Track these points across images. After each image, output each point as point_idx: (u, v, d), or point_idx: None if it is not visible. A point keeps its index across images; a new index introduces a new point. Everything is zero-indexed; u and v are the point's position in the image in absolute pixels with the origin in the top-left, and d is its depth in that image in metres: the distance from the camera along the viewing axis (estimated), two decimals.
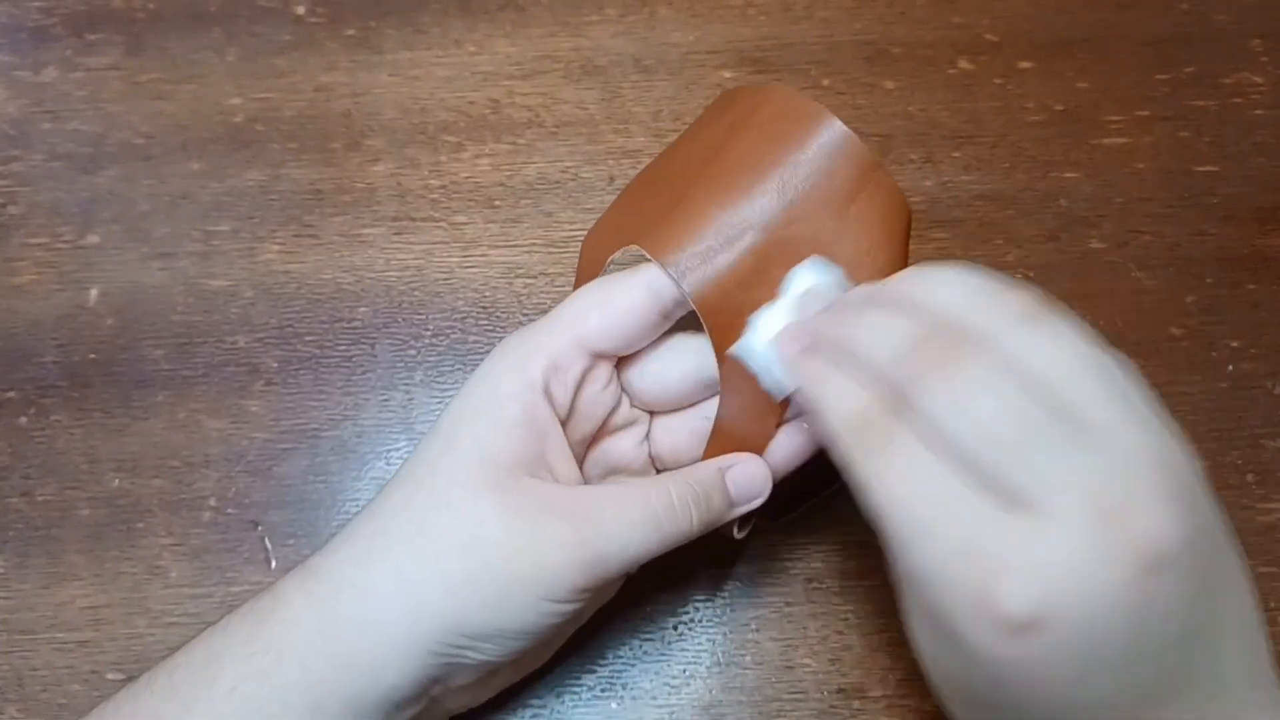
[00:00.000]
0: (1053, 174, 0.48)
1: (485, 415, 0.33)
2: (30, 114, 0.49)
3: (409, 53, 0.50)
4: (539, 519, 0.32)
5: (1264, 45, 0.51)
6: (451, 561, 0.31)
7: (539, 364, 0.34)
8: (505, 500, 0.32)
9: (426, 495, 0.33)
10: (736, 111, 0.36)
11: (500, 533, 0.32)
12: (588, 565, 0.32)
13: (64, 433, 0.43)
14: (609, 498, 0.33)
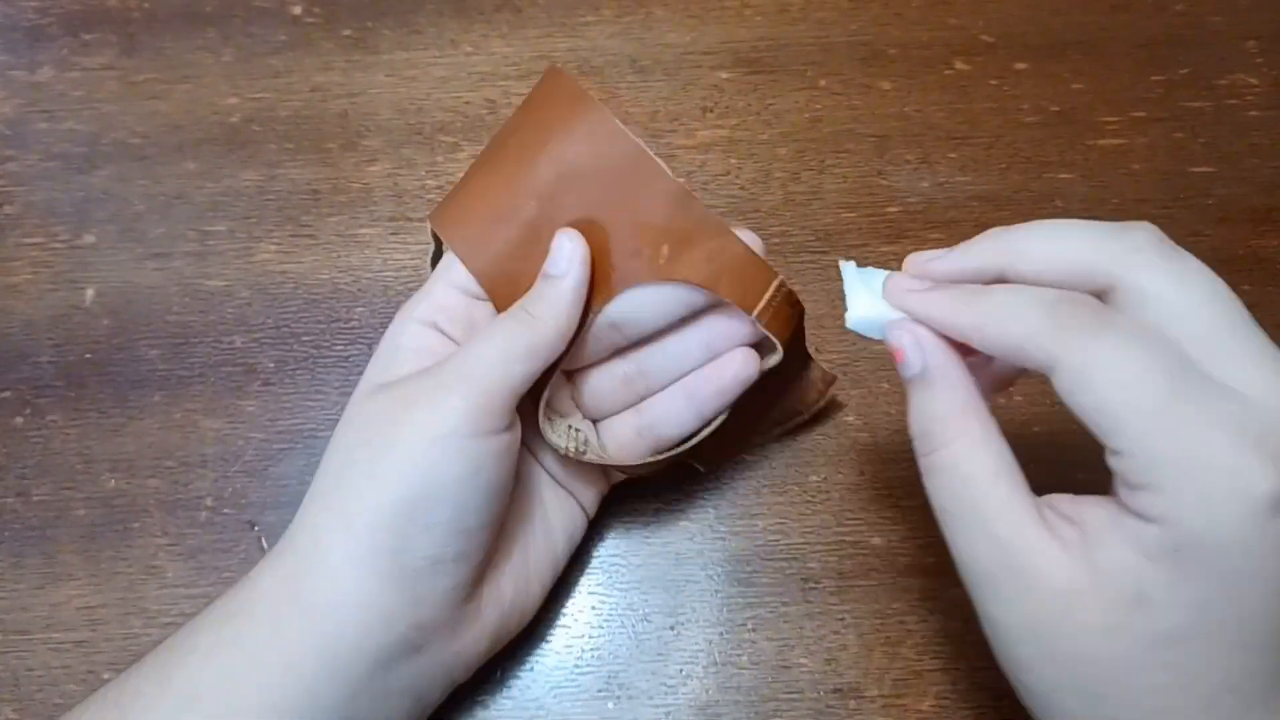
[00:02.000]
0: (1048, 175, 0.48)
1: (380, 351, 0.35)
2: (25, 113, 0.49)
3: (405, 53, 0.50)
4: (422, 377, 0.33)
5: (1258, 47, 0.51)
6: (358, 453, 0.33)
7: (422, 307, 0.36)
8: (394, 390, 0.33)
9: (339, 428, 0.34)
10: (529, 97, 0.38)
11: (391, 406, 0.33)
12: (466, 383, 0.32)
13: (59, 433, 0.43)
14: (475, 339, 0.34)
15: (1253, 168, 0.49)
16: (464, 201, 0.37)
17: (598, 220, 0.35)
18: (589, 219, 0.35)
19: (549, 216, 0.35)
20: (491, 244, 0.36)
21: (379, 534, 0.31)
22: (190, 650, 0.32)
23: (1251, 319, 0.28)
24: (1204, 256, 0.46)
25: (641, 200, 0.35)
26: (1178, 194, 0.48)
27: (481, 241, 0.36)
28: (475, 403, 0.32)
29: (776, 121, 0.49)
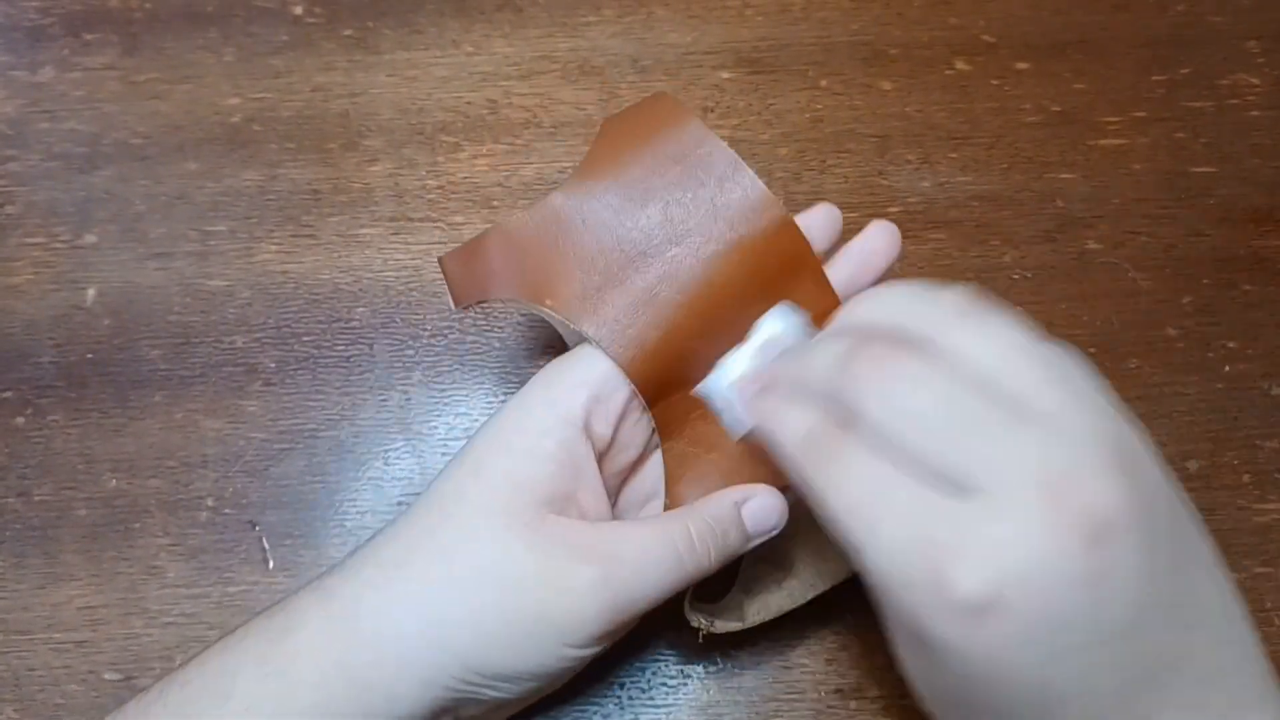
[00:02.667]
0: (1049, 175, 0.48)
1: (518, 448, 0.33)
2: (27, 114, 0.49)
3: (406, 53, 0.50)
4: (569, 561, 0.31)
5: (1260, 46, 0.51)
6: (477, 600, 0.31)
7: (579, 398, 0.33)
8: (534, 537, 0.31)
9: (453, 525, 0.32)
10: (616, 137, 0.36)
11: (529, 572, 0.31)
12: (614, 609, 0.31)
13: (61, 433, 0.43)
14: (633, 537, 0.33)
15: (1254, 168, 0.48)
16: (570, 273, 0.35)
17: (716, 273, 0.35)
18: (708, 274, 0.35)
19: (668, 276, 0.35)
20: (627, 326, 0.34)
21: (460, 670, 0.31)
22: (226, 696, 0.31)
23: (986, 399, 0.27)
24: (1205, 257, 0.46)
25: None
26: (1179, 194, 0.48)
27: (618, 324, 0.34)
28: (615, 627, 0.32)
29: (778, 121, 0.49)
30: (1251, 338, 0.45)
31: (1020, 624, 0.25)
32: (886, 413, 0.27)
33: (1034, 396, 0.27)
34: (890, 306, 0.31)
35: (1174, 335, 0.45)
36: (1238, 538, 0.42)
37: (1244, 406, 0.44)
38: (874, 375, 0.28)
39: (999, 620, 0.25)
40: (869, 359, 0.28)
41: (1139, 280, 0.46)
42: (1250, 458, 0.43)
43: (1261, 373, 0.45)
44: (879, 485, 0.27)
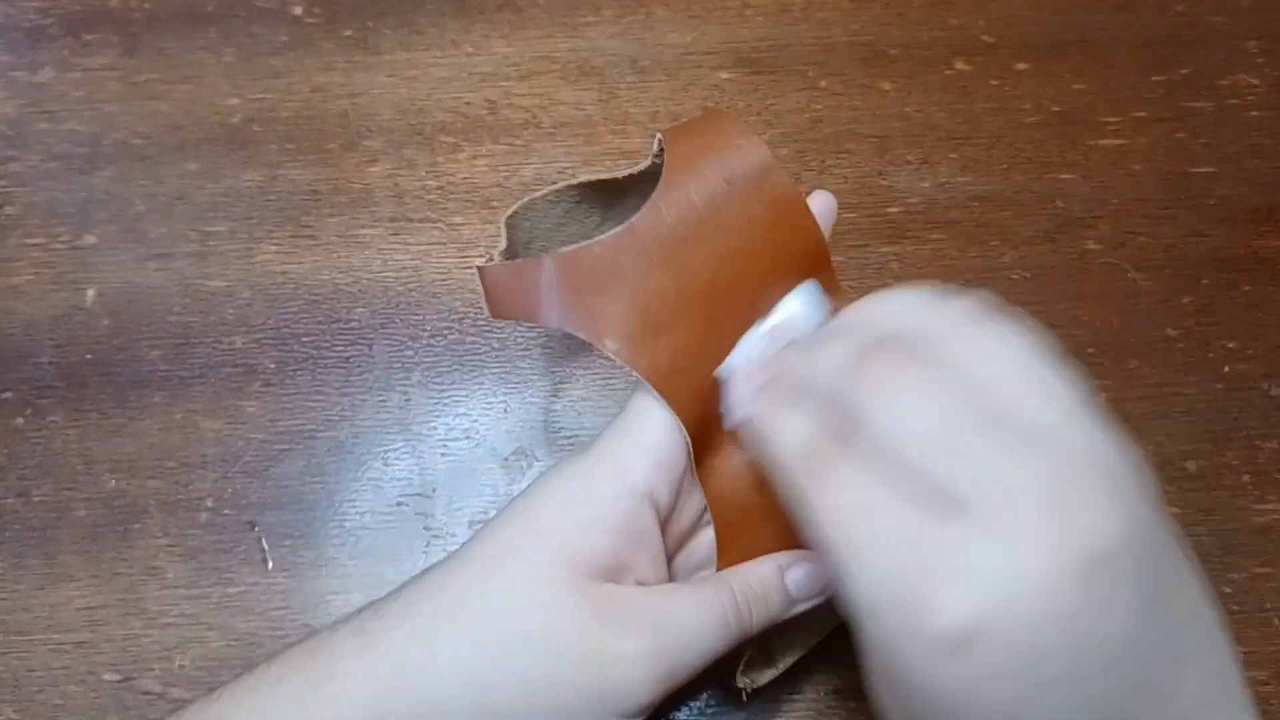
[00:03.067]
0: (1049, 175, 0.48)
1: (579, 517, 0.32)
2: (27, 114, 0.49)
3: (406, 53, 0.50)
4: (620, 630, 0.31)
5: (1260, 47, 0.51)
6: (525, 664, 0.30)
7: (643, 468, 0.32)
8: (586, 605, 0.31)
9: (504, 583, 0.31)
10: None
11: (579, 641, 0.30)
12: (663, 679, 0.31)
13: (60, 433, 0.43)
14: (682, 605, 0.32)
15: (1254, 168, 0.48)
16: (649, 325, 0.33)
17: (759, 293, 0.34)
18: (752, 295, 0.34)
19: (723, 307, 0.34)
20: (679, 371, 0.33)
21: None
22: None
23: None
24: (1205, 257, 0.46)
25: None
26: (1179, 194, 0.48)
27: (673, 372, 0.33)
28: (661, 694, 0.31)
29: (777, 122, 0.49)
30: (1251, 338, 0.45)
31: (1001, 658, 0.23)
32: (887, 424, 0.26)
33: (1033, 414, 0.26)
34: (900, 309, 0.30)
35: (1174, 335, 0.45)
36: (1237, 538, 0.42)
37: (1244, 407, 0.44)
38: (878, 384, 0.27)
39: (979, 654, 0.23)
40: (874, 366, 0.27)
41: (1139, 280, 0.46)
42: (1250, 458, 0.43)
43: (1261, 373, 0.45)
44: (868, 503, 0.26)
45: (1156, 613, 0.25)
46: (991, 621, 0.23)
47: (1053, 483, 0.24)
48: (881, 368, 0.27)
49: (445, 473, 0.43)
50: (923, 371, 0.27)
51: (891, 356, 0.27)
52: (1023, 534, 0.24)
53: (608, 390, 0.44)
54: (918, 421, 0.26)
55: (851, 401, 0.27)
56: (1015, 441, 0.25)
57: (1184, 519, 0.43)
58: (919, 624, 0.24)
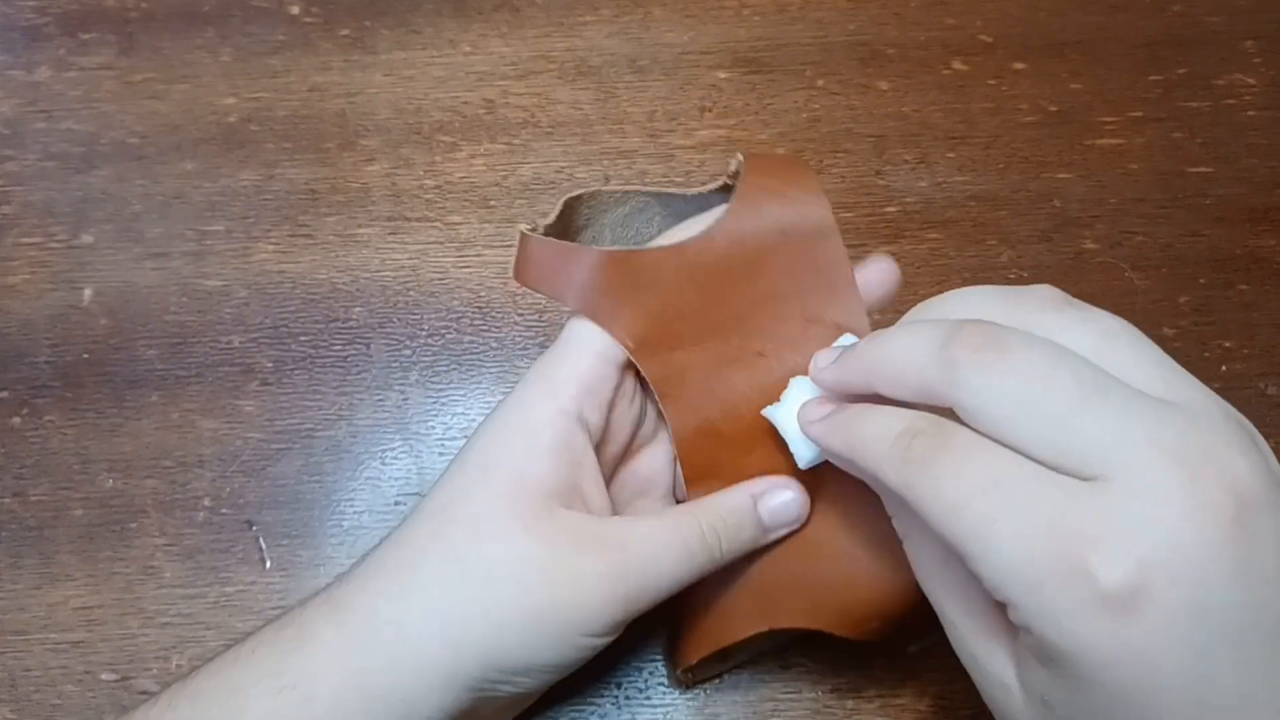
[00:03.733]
0: (1046, 175, 0.48)
1: (519, 444, 0.33)
2: (23, 113, 0.49)
3: (403, 53, 0.50)
4: (578, 553, 0.31)
5: (1256, 47, 0.51)
6: (491, 597, 0.31)
7: (571, 389, 0.33)
8: (543, 533, 0.31)
9: (461, 527, 0.32)
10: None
11: (540, 567, 0.31)
12: (625, 599, 0.32)
13: (57, 433, 0.43)
14: (643, 530, 0.33)
15: (1250, 167, 0.49)
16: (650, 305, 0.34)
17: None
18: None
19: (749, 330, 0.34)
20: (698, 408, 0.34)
21: (479, 668, 0.31)
22: (239, 712, 0.30)
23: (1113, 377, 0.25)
24: (1201, 256, 0.46)
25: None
26: (1175, 194, 0.48)
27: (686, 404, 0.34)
28: (628, 615, 0.32)
29: (775, 121, 0.49)
30: (1248, 337, 0.45)
31: (1172, 613, 0.23)
32: (994, 398, 0.25)
33: (1146, 379, 0.25)
34: (975, 302, 0.29)
35: (1170, 335, 0.45)
36: None
37: (1240, 406, 0.43)
38: (982, 359, 0.26)
39: (1149, 611, 0.23)
40: (967, 342, 0.26)
41: (1136, 280, 0.46)
42: None
43: (1258, 372, 0.45)
44: (993, 475, 0.25)
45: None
46: (1159, 574, 0.23)
47: (1188, 439, 0.24)
48: (977, 346, 0.26)
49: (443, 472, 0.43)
50: (1023, 344, 0.26)
51: (985, 333, 0.26)
52: (1172, 488, 0.23)
53: None
54: (1031, 392, 0.25)
55: (946, 386, 0.26)
56: (1139, 403, 0.25)
57: None
58: (1084, 585, 0.23)
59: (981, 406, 0.26)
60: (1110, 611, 0.23)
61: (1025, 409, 0.25)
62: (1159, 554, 0.23)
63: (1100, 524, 0.23)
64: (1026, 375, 0.25)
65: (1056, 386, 0.25)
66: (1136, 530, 0.23)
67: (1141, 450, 0.24)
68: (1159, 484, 0.23)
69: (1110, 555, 0.23)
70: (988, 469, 0.25)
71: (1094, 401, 0.24)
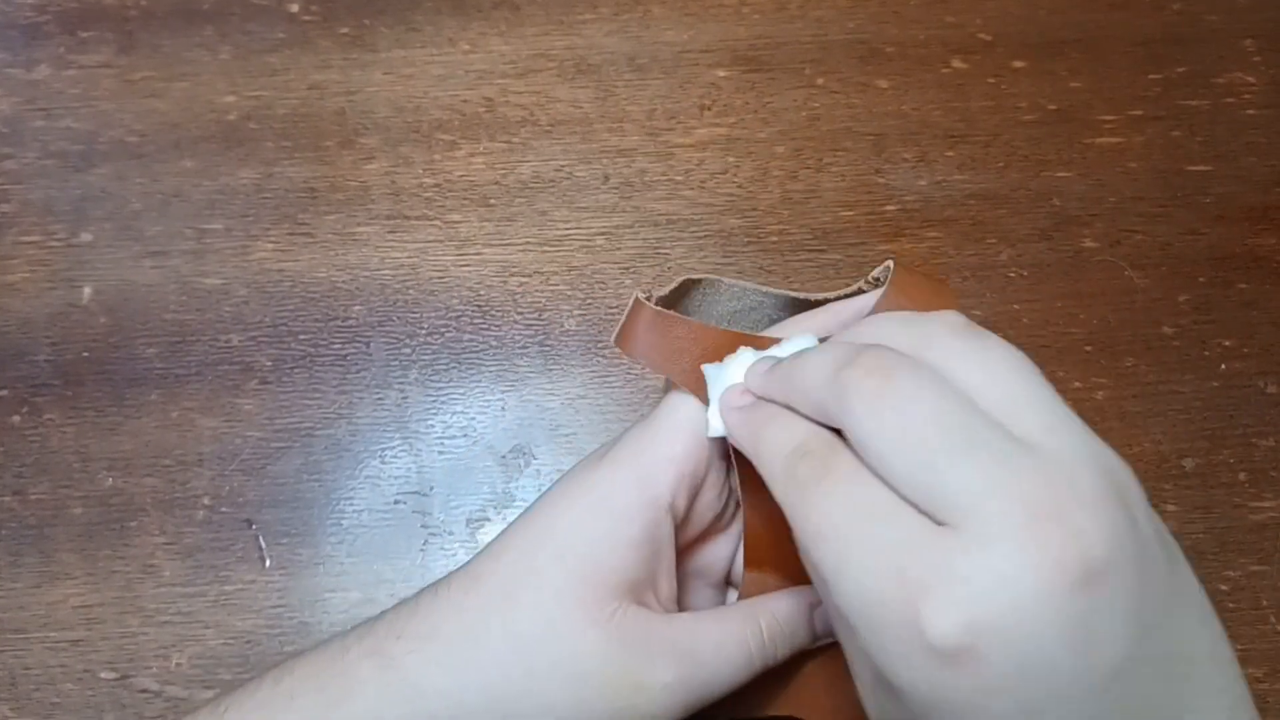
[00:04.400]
0: (1045, 173, 0.48)
1: (602, 531, 0.31)
2: (22, 111, 0.49)
3: (403, 51, 0.50)
4: (647, 659, 0.30)
5: (1256, 45, 0.51)
6: (551, 692, 0.30)
7: (667, 478, 0.32)
8: (612, 632, 0.30)
9: (527, 609, 0.31)
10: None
11: (606, 669, 0.30)
12: (687, 707, 0.31)
13: (56, 431, 0.43)
14: (708, 633, 0.32)
15: (1250, 166, 0.49)
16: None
17: None
18: None
19: None
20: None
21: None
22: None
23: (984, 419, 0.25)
24: (1201, 255, 0.46)
25: None
26: (1175, 192, 0.48)
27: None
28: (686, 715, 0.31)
29: (774, 120, 0.49)
30: (1247, 336, 0.45)
31: (997, 671, 0.23)
32: (873, 431, 0.25)
33: (1026, 421, 0.25)
34: (887, 326, 0.29)
35: (1170, 333, 0.45)
36: (1233, 536, 0.42)
37: (1240, 404, 0.44)
38: (863, 390, 0.26)
39: (974, 666, 0.23)
40: (859, 371, 0.26)
41: (1135, 278, 0.46)
42: (1246, 456, 0.44)
43: (1257, 371, 0.45)
44: (857, 510, 0.25)
45: (1158, 624, 0.24)
46: (988, 632, 0.23)
47: (1045, 493, 0.23)
48: (866, 374, 0.26)
49: (442, 471, 0.43)
50: (909, 377, 0.26)
51: (877, 362, 0.26)
52: (1017, 545, 0.23)
53: (605, 388, 0.44)
54: (905, 429, 0.25)
55: (836, 409, 0.26)
56: (1005, 451, 0.24)
57: (1180, 517, 0.43)
58: (914, 634, 0.23)
59: (863, 435, 0.25)
60: (937, 662, 0.23)
61: (899, 444, 0.25)
62: (991, 614, 0.23)
63: (943, 575, 0.23)
64: (906, 411, 0.25)
65: (931, 426, 0.25)
66: (978, 585, 0.23)
67: (997, 504, 0.23)
68: (1007, 540, 0.23)
69: (946, 606, 0.23)
70: (853, 503, 0.25)
71: (962, 446, 0.24)
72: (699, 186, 0.48)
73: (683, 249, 0.47)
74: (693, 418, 0.32)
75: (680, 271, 0.46)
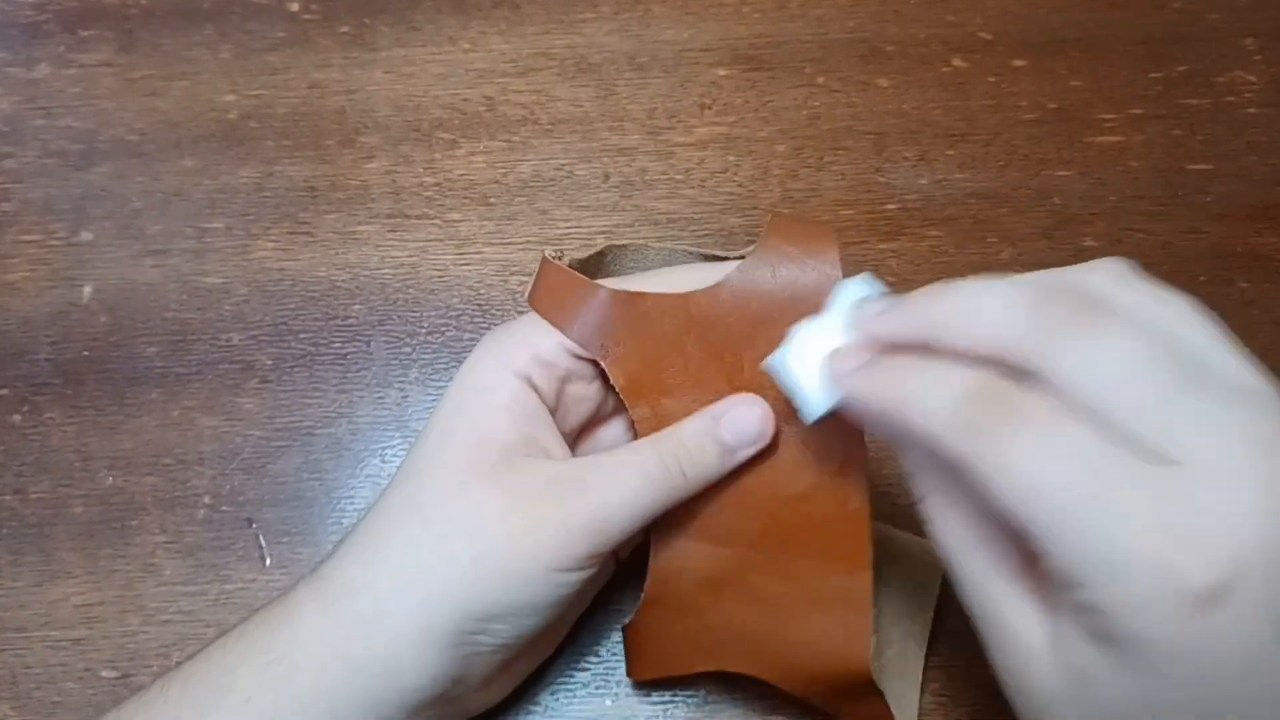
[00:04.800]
0: (1046, 172, 0.48)
1: (474, 403, 0.34)
2: (23, 110, 0.49)
3: (403, 50, 0.50)
4: (536, 494, 0.32)
5: (1256, 44, 0.51)
6: (456, 546, 0.32)
7: (523, 355, 0.34)
8: (503, 481, 0.32)
9: (428, 489, 0.33)
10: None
11: (500, 514, 0.32)
12: (587, 532, 0.32)
13: (57, 430, 0.43)
14: (599, 464, 0.33)
15: (1251, 165, 0.49)
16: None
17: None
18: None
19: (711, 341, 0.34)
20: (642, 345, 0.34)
21: (453, 620, 0.31)
22: (228, 690, 0.31)
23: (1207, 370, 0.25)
24: (1202, 254, 0.46)
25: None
26: (1176, 191, 0.48)
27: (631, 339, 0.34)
28: (594, 548, 0.32)
29: (774, 119, 0.49)
30: (1248, 335, 0.45)
31: (1252, 610, 0.23)
32: (1094, 371, 0.24)
33: (1227, 368, 0.25)
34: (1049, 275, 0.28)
35: None
36: None
37: None
38: (1074, 324, 0.25)
39: (1232, 606, 0.23)
40: (1066, 306, 0.25)
41: None
42: None
43: None
44: (1078, 458, 0.24)
45: None
46: (1246, 570, 0.23)
47: (1265, 430, 0.24)
48: (1075, 311, 0.25)
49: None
50: (1117, 318, 0.25)
51: (1083, 301, 0.25)
52: (1256, 482, 0.23)
53: None
54: (1123, 369, 0.24)
55: (1039, 348, 0.25)
56: (1226, 390, 0.24)
57: None
58: (1170, 582, 0.23)
59: (1077, 374, 0.25)
60: (1197, 608, 0.23)
61: (1126, 386, 0.24)
62: (1246, 551, 0.23)
63: (1189, 517, 0.23)
64: (1129, 352, 0.24)
65: (1157, 368, 0.24)
66: (1226, 523, 0.23)
67: (1231, 441, 0.23)
68: (1248, 477, 0.23)
69: (1200, 550, 0.23)
70: (1072, 450, 0.24)
71: (1190, 387, 0.24)
72: (699, 185, 0.48)
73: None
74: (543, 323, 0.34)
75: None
